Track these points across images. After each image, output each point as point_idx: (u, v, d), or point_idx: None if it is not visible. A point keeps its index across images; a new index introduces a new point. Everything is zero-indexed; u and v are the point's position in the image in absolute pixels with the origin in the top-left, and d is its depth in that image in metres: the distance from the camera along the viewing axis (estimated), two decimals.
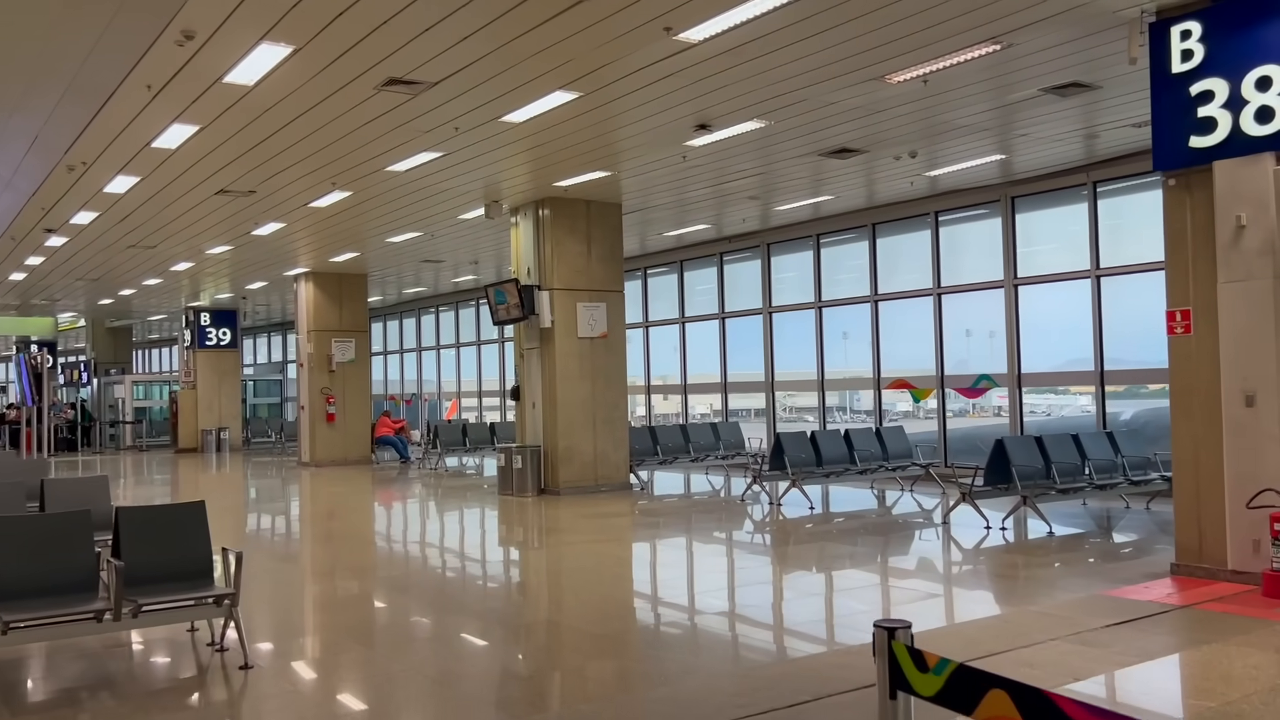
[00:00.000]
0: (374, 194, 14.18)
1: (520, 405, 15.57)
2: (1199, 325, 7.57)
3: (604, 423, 15.10)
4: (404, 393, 30.98)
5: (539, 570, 9.38)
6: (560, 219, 14.91)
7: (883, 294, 16.55)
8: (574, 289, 14.99)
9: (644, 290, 21.47)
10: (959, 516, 11.04)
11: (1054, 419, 15.44)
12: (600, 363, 15.14)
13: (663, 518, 12.47)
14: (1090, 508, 11.88)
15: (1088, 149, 12.77)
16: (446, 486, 17.64)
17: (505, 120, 10.46)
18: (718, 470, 17.48)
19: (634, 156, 12.23)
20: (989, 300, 15.03)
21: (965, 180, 14.35)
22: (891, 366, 16.58)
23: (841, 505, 13.33)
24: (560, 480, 14.69)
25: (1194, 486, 7.62)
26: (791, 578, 8.55)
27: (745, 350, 19.29)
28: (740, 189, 14.36)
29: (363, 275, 23.13)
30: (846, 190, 14.81)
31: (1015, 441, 10.59)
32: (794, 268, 18.32)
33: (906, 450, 14.09)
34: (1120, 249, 13.55)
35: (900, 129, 11.24)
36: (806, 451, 13.10)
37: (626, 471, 15.31)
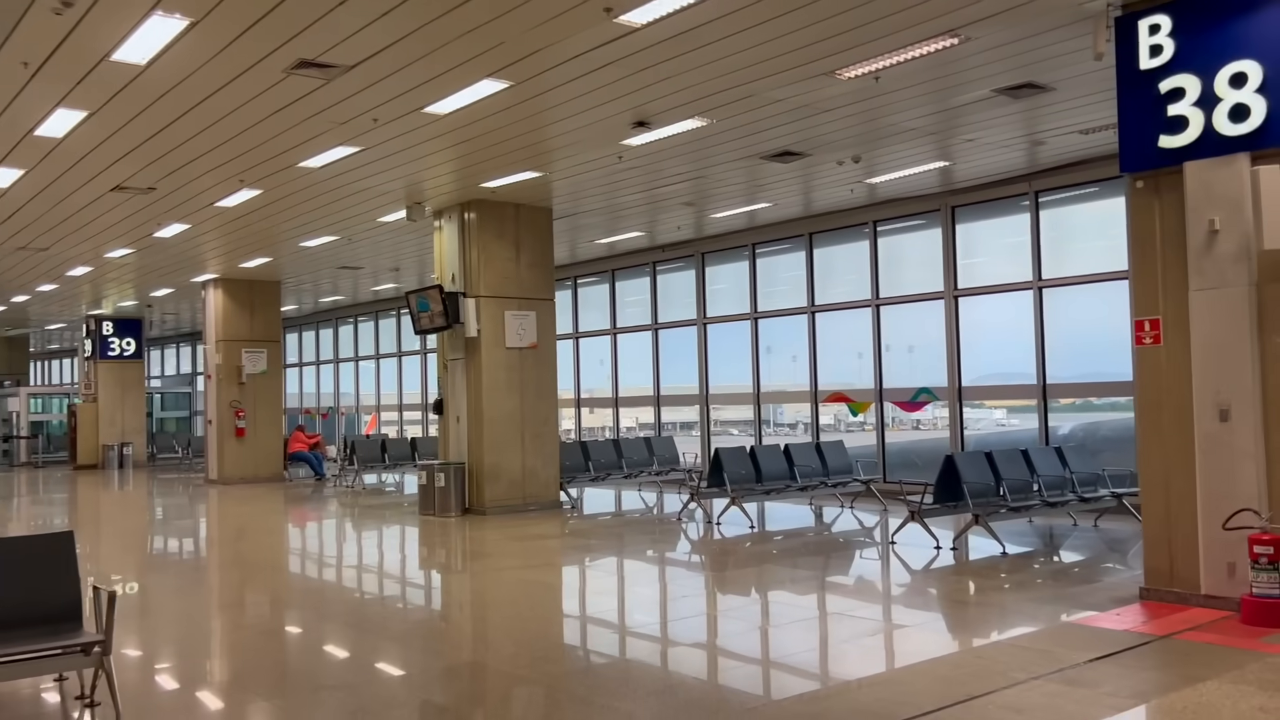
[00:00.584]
0: (286, 193, 13.24)
1: (443, 420, 14.72)
2: (1169, 335, 7.17)
3: (533, 438, 14.34)
4: (320, 406, 29.71)
5: (462, 603, 8.59)
6: (488, 223, 14.14)
7: (820, 305, 16.12)
8: (502, 296, 14.22)
9: (574, 300, 20.76)
10: (905, 535, 10.55)
11: (971, 434, 15.17)
12: (530, 374, 14.39)
13: (595, 540, 11.76)
14: (1037, 525, 11.52)
15: (1030, 157, 12.48)
16: (363, 506, 16.66)
17: (428, 111, 9.69)
18: (651, 486, 16.83)
19: (567, 156, 11.55)
20: (929, 312, 14.68)
21: (905, 189, 13.99)
22: (829, 380, 16.13)
23: (781, 523, 12.77)
24: (486, 499, 13.87)
25: (1164, 506, 7.19)
26: (736, 609, 7.91)
27: (679, 362, 18.70)
28: (676, 194, 13.78)
29: (276, 282, 21.98)
30: (784, 198, 14.33)
31: (966, 458, 10.16)
32: (729, 278, 17.81)
33: (847, 466, 13.62)
34: (1062, 260, 13.29)
35: (845, 131, 10.77)
36: (746, 468, 12.53)
37: (556, 489, 14.56)
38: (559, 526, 12.94)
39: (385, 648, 6.84)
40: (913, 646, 6.43)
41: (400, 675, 6.17)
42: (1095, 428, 14.08)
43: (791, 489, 12.65)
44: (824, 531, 12.10)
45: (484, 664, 6.16)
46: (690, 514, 13.26)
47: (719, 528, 12.16)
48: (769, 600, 8.11)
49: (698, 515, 13.16)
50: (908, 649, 6.35)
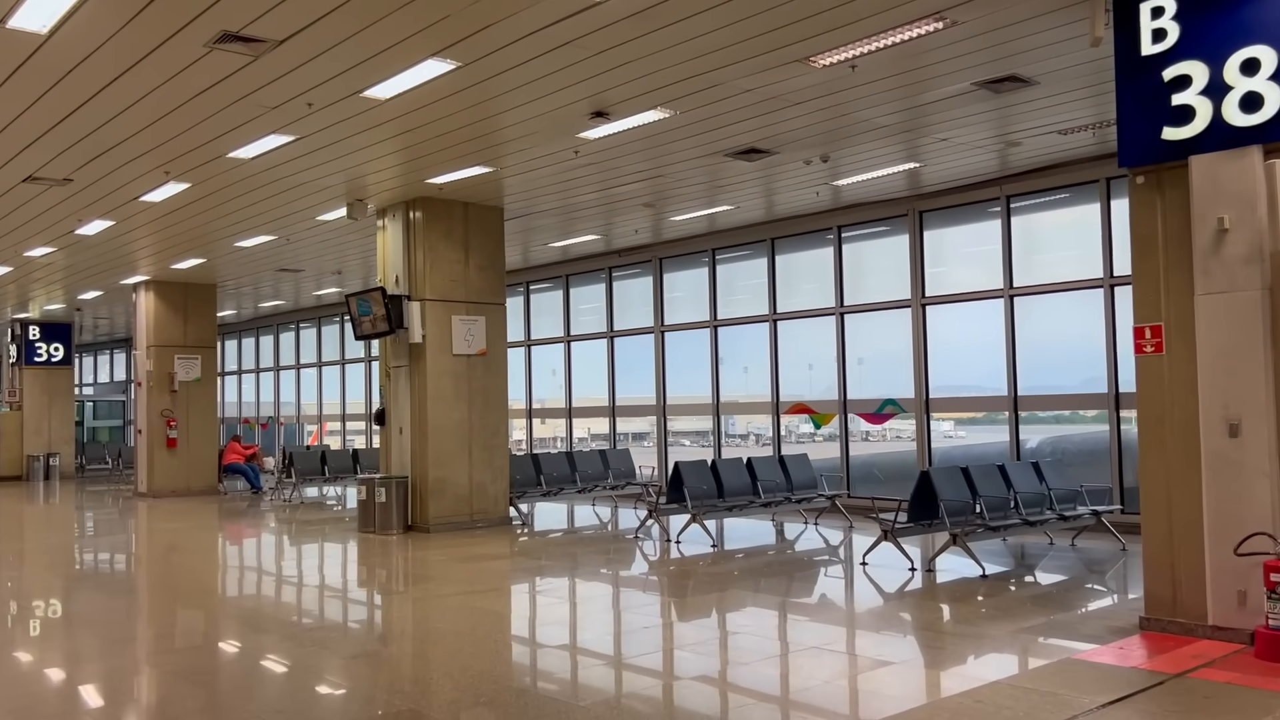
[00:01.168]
0: (217, 187, 12.33)
1: (385, 430, 13.86)
2: (1172, 343, 6.62)
3: (482, 450, 13.54)
4: (260, 416, 28.54)
5: (401, 635, 7.78)
6: (434, 222, 13.34)
7: (782, 313, 15.53)
8: (449, 300, 13.42)
9: (526, 306, 19.98)
10: (876, 555, 9.93)
11: (934, 447, 14.70)
12: (478, 383, 13.60)
13: (546, 560, 10.99)
14: (1011, 544, 10.97)
15: (1002, 160, 12.00)
16: (300, 521, 15.71)
17: (368, 95, 8.90)
18: (606, 501, 16.09)
19: (520, 150, 10.81)
20: (895, 321, 14.15)
21: (872, 192, 13.45)
22: (791, 390, 15.54)
23: (743, 540, 12.10)
24: (430, 515, 13.04)
25: (1166, 529, 6.63)
26: (699, 644, 7.21)
27: (635, 372, 18.01)
28: (635, 194, 13.10)
29: (211, 285, 20.92)
30: (747, 200, 13.72)
31: (942, 474, 9.57)
32: (688, 285, 17.16)
33: (812, 480, 13.00)
34: (1034, 268, 12.83)
35: (815, 127, 10.17)
36: (707, 482, 11.85)
37: (506, 505, 13.77)
38: (508, 545, 12.16)
39: (307, 696, 6.02)
40: (900, 688, 5.77)
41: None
42: (1063, 441, 13.64)
43: (755, 505, 11.99)
44: (788, 550, 11.46)
45: (421, 714, 5.38)
46: (647, 531, 12.55)
47: (678, 546, 11.46)
48: (735, 633, 7.42)
49: (654, 532, 12.45)
50: (895, 692, 5.70)
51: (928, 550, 10.33)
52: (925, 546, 10.57)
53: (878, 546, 9.81)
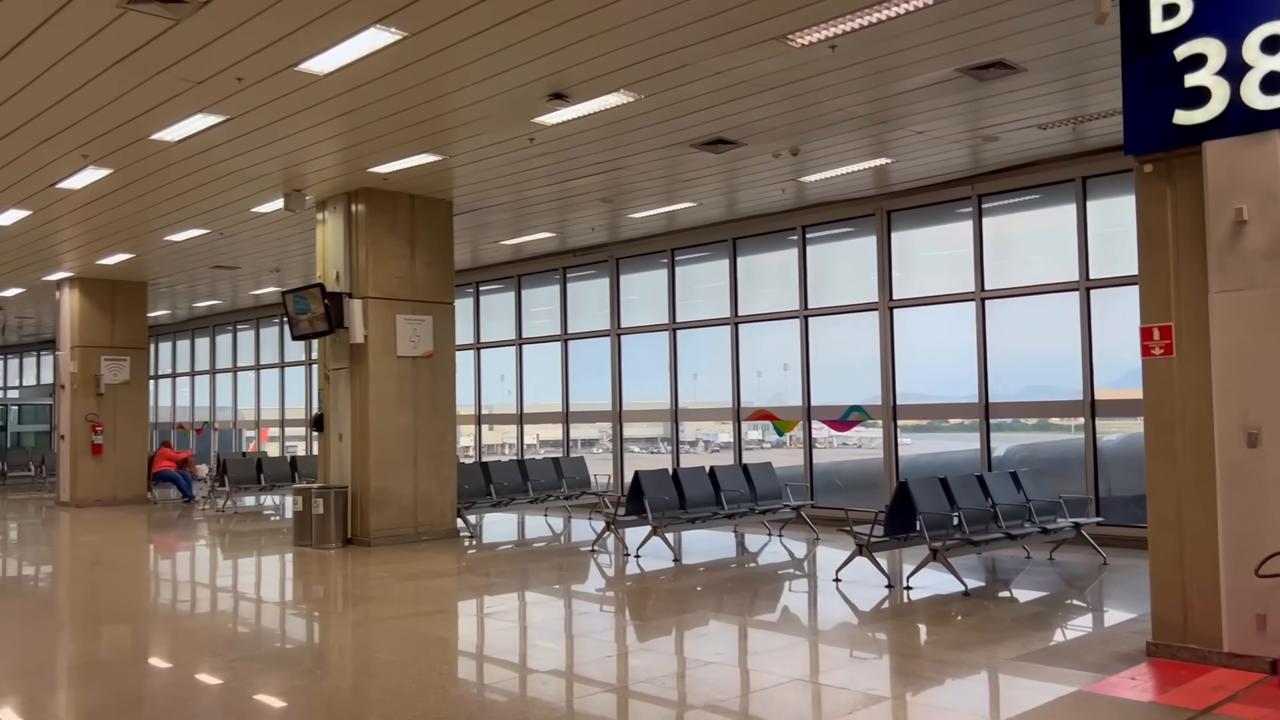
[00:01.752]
0: (142, 173, 11.42)
1: (324, 437, 13.00)
2: (1184, 345, 6.10)
3: (427, 458, 12.74)
4: (195, 421, 27.33)
5: (334, 667, 6.99)
6: (378, 215, 12.53)
7: (744, 316, 14.94)
8: (394, 299, 12.61)
9: (476, 308, 19.19)
10: (849, 570, 9.34)
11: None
12: (424, 387, 12.80)
13: (496, 577, 10.25)
14: (985, 557, 10.45)
15: (975, 157, 11.53)
16: (234, 533, 14.75)
17: (305, 70, 8.12)
18: (559, 511, 15.36)
19: (471, 135, 10.08)
20: (861, 325, 13.63)
21: (839, 190, 12.92)
22: (753, 396, 14.95)
23: (704, 554, 11.44)
24: (371, 528, 12.21)
25: (1176, 547, 6.10)
26: (665, 676, 6.53)
27: (590, 376, 17.30)
28: (592, 187, 12.42)
29: (141, 283, 19.81)
30: (709, 196, 13.11)
31: (921, 485, 9.01)
32: (646, 286, 16.51)
33: (776, 490, 12.41)
34: (1007, 270, 12.37)
35: (786, 116, 9.58)
36: (669, 493, 11.19)
37: (453, 516, 12.98)
38: (455, 560, 11.38)
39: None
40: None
41: None
42: (1034, 449, 13.20)
43: (718, 516, 11.35)
44: (752, 564, 10.84)
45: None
46: (604, 543, 11.85)
47: (638, 560, 10.78)
48: (705, 663, 6.76)
49: (610, 544, 11.76)
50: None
51: (901, 565, 9.76)
52: (896, 560, 10.00)
53: (851, 562, 9.21)
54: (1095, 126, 10.19)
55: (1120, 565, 9.78)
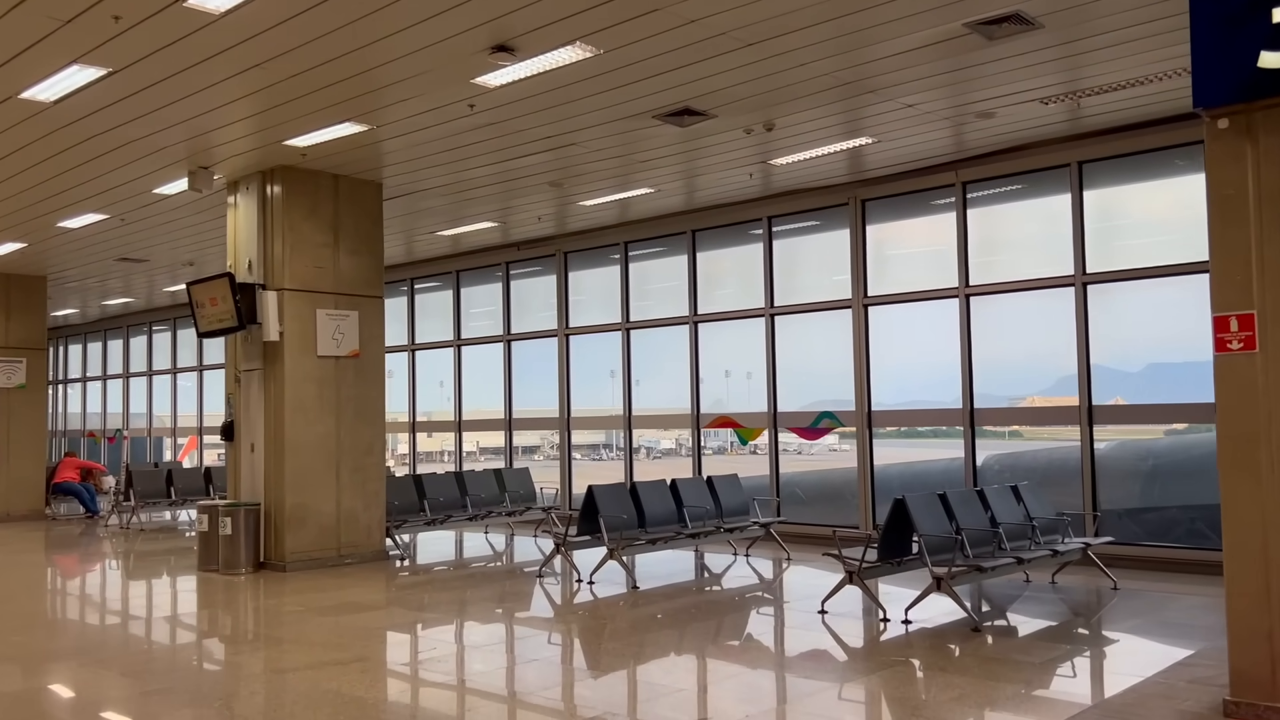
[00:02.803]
0: (18, 143, 9.88)
1: (234, 448, 11.51)
2: (1270, 338, 5.01)
3: (352, 471, 11.32)
4: (106, 429, 25.38)
5: None
6: (297, 197, 11.10)
7: (705, 314, 13.75)
8: (314, 291, 11.19)
9: (410, 306, 17.74)
10: (835, 597, 8.17)
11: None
12: (348, 391, 11.38)
13: (429, 611, 8.90)
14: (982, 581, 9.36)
15: (960, 139, 10.50)
16: (136, 553, 13.16)
17: (196, 6, 6.73)
18: (502, 528, 14.01)
19: (402, 99, 8.73)
20: (833, 324, 12.52)
21: (809, 177, 11.81)
22: (714, 401, 13.76)
23: (665, 577, 10.18)
24: (287, 551, 10.76)
25: (1262, 584, 5.00)
26: None
27: (534, 380, 15.98)
28: (539, 168, 11.12)
29: (40, 278, 18.02)
30: (669, 181, 11.89)
31: (920, 503, 7.86)
32: (597, 284, 15.24)
33: (743, 505, 11.22)
34: (993, 264, 11.34)
35: (764, 81, 8.40)
36: (627, 509, 9.93)
37: (381, 536, 11.56)
38: (382, 588, 9.98)
39: None
40: None
41: None
42: (1015, 459, 12.19)
43: (682, 536, 10.11)
44: (717, 587, 9.61)
45: None
46: (552, 567, 10.55)
47: (591, 587, 9.51)
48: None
49: (558, 566, 10.47)
50: None
51: (907, 596, 8.60)
52: (880, 587, 8.85)
53: (840, 590, 8.03)
54: (1095, 104, 9.20)
55: (1131, 590, 8.75)
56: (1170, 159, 10.12)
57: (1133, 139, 10.05)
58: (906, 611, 7.69)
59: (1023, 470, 11.82)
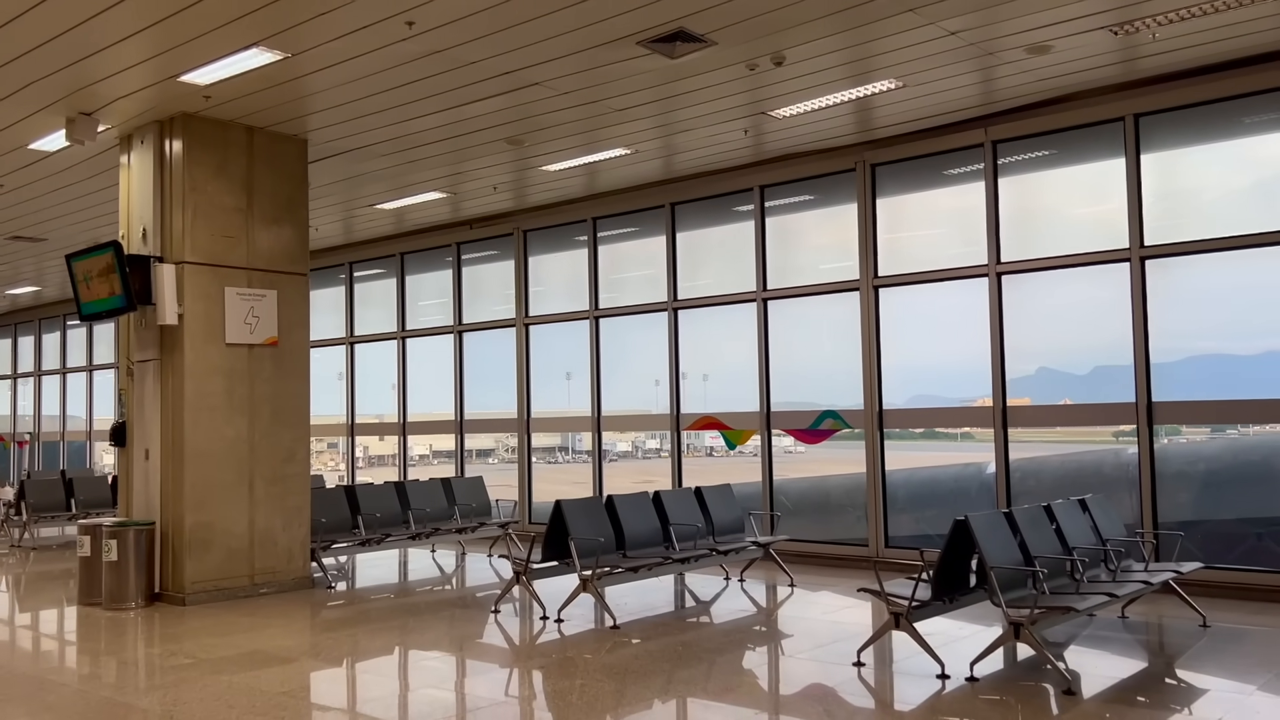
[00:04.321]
0: None
1: (125, 454, 9.56)
2: None
3: (269, 483, 9.42)
4: (17, 432, 23.06)
5: None
6: (202, 153, 9.18)
7: (685, 300, 12.00)
8: (222, 266, 9.28)
9: (349, 293, 15.79)
10: (870, 643, 6.45)
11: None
12: (265, 387, 9.48)
13: (361, 656, 7.05)
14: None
15: (992, 88, 8.89)
16: (14, 578, 11.10)
17: None
18: (451, 544, 12.15)
19: (323, 8, 6.86)
20: (836, 310, 10.85)
21: (809, 137, 10.14)
22: (696, 399, 12.01)
23: (649, 609, 8.40)
24: (188, 580, 8.84)
25: None
26: None
27: (489, 377, 14.13)
28: (495, 118, 9.30)
29: None
30: (648, 139, 10.13)
31: (985, 524, 6.15)
32: (561, 269, 13.43)
33: (738, 520, 9.50)
34: (1031, 238, 9.72)
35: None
36: (603, 529, 8.14)
37: (306, 560, 9.67)
38: (302, 628, 8.09)
39: None
40: None
41: None
42: (1041, 465, 10.59)
43: (670, 561, 8.31)
44: (711, 621, 7.85)
45: None
46: (511, 597, 8.73)
47: (559, 626, 7.71)
48: None
49: (518, 596, 8.67)
50: None
51: (944, 630, 6.91)
52: (949, 628, 7.16)
53: (882, 637, 6.31)
54: (1153, 45, 7.61)
55: (1225, 625, 7.16)
56: (1240, 114, 8.58)
57: (1201, 86, 8.48)
58: (973, 666, 5.97)
59: (1050, 478, 10.25)
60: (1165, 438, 9.12)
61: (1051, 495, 9.70)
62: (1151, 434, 8.85)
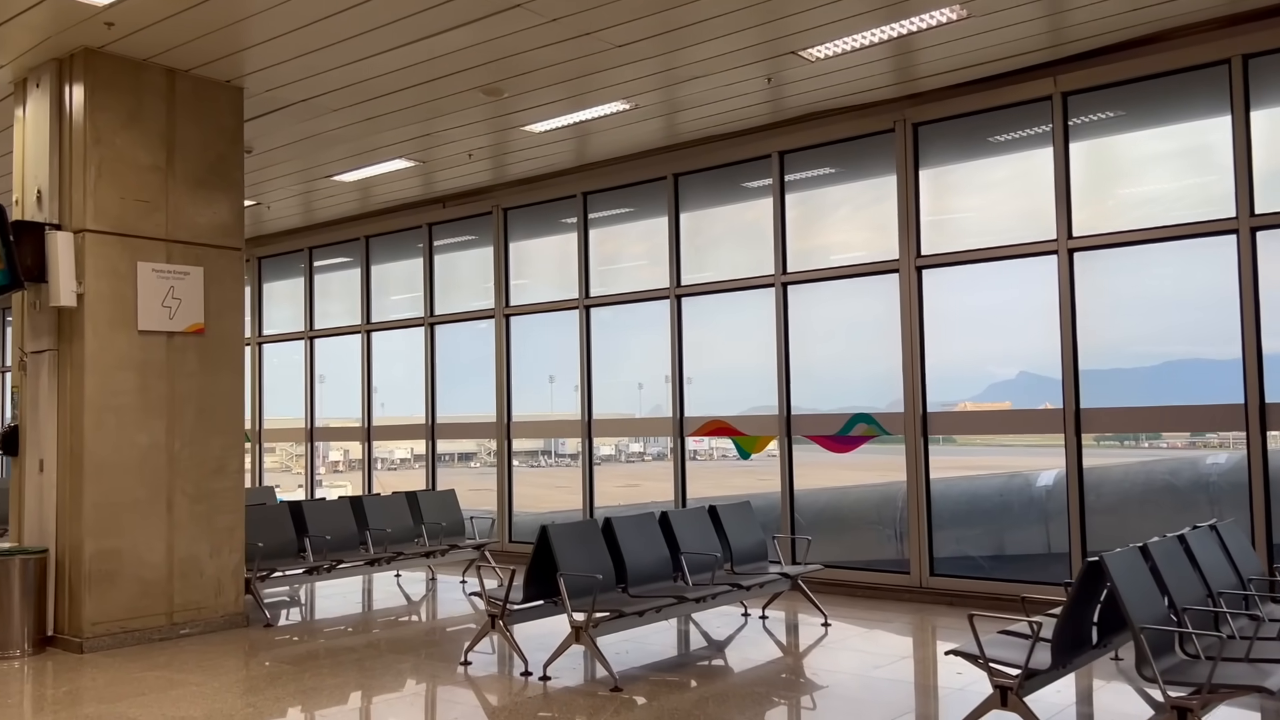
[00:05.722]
0: None
1: (18, 465, 7.87)
2: None
3: (193, 500, 7.76)
4: None
5: None
6: (109, 98, 7.52)
7: (689, 286, 10.40)
8: (134, 235, 7.61)
9: (309, 283, 14.11)
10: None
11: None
12: (188, 384, 7.82)
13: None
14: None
15: (1058, 27, 7.35)
16: None
17: None
18: (418, 565, 10.50)
19: None
20: (869, 296, 9.29)
21: (840, 91, 8.59)
22: (701, 400, 10.41)
23: (654, 655, 6.81)
24: (87, 620, 7.17)
25: None
26: None
27: (464, 376, 12.49)
28: (469, 59, 7.69)
29: None
30: (649, 90, 8.53)
31: (1122, 565, 4.56)
32: (544, 254, 11.81)
33: (760, 546, 7.90)
34: (1105, 211, 8.18)
35: None
36: (601, 563, 6.51)
37: (239, 594, 8.00)
38: (228, 684, 6.41)
39: None
40: None
41: None
42: (1103, 475, 9.03)
43: (686, 602, 6.66)
44: (735, 672, 6.24)
45: None
46: (487, 641, 7.10)
47: (545, 685, 6.09)
48: None
49: (497, 647, 7.04)
50: None
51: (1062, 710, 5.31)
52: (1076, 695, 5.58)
53: (986, 715, 4.71)
54: None
55: None
56: None
57: None
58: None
59: (1112, 493, 8.69)
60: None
61: (1118, 512, 8.21)
62: (1265, 440, 7.29)
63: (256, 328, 14.64)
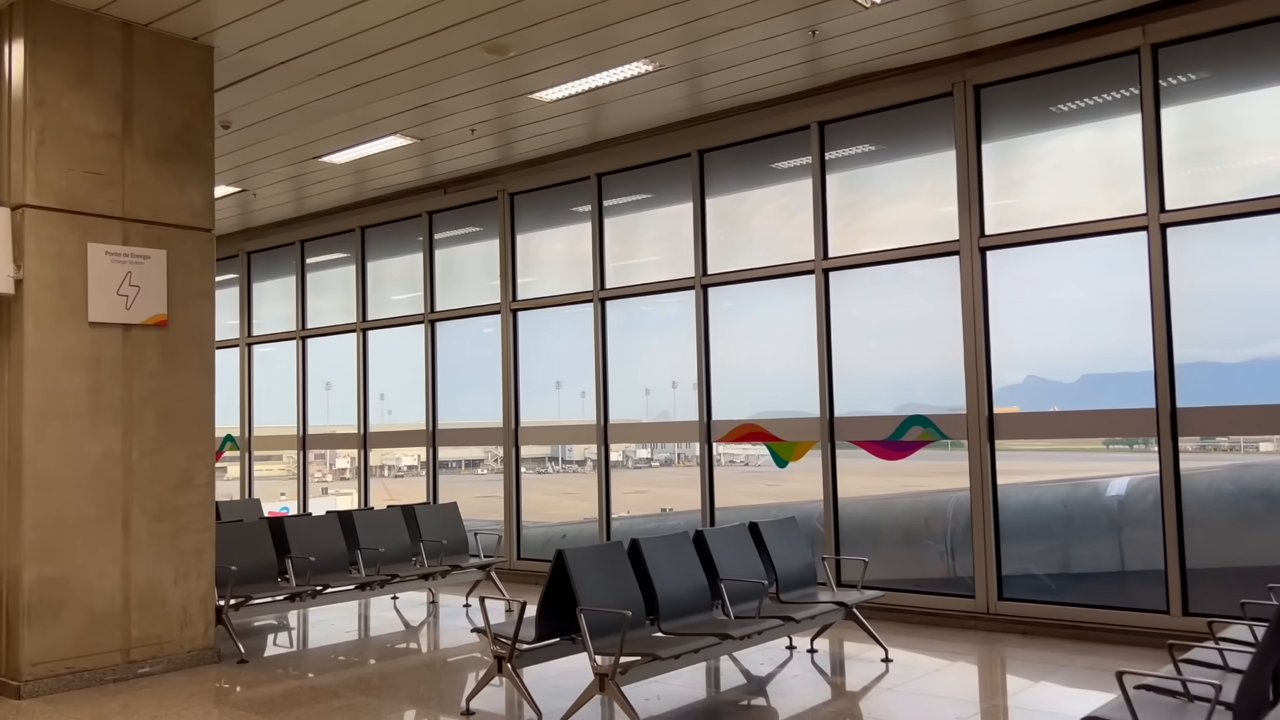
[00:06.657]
0: None
1: None
2: None
3: (154, 518, 6.73)
4: None
5: None
6: (54, 52, 6.51)
7: (716, 275, 9.35)
8: (84, 213, 6.59)
9: (300, 278, 13.09)
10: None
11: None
12: (148, 384, 6.78)
13: None
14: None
15: None
16: None
17: None
18: (417, 586, 9.44)
19: None
20: (924, 283, 8.23)
21: (890, 49, 7.56)
22: (731, 404, 9.34)
23: (683, 698, 5.75)
24: (26, 659, 6.14)
25: None
26: None
27: (468, 378, 11.46)
28: (473, 8, 6.66)
29: None
30: (674, 49, 7.50)
31: None
32: (554, 243, 10.76)
33: (808, 570, 6.82)
34: (1195, 175, 7.10)
35: None
36: (628, 595, 5.44)
37: (209, 626, 6.96)
38: None
39: None
40: None
41: None
42: (1154, 485, 7.93)
43: (730, 639, 5.58)
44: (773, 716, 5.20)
45: None
46: (494, 687, 6.04)
47: None
48: None
49: (507, 697, 5.99)
50: None
51: None
52: None
53: None
54: None
55: None
56: None
57: None
58: None
59: (1192, 504, 7.59)
60: None
61: (1204, 524, 7.15)
62: None
63: (246, 328, 13.64)
